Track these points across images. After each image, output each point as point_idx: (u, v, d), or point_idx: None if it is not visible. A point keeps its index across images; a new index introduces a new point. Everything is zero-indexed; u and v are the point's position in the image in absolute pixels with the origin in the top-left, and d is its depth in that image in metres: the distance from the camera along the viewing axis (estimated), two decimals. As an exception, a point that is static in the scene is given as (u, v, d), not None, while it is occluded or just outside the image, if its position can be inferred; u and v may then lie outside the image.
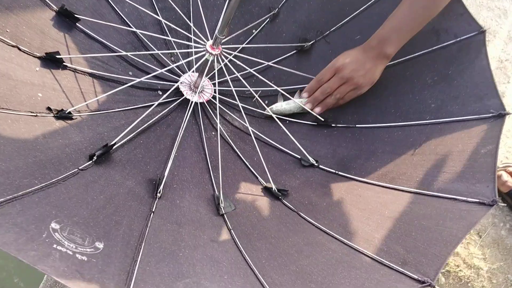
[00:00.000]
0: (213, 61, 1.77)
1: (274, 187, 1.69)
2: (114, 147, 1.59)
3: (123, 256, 1.20)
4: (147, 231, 1.35)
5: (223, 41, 1.70)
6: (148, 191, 1.55)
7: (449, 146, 1.65)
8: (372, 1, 2.07)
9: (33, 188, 1.22)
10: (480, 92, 1.71)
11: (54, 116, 1.54)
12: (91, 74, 1.77)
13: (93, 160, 1.50)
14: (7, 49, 1.54)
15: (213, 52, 1.70)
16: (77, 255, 1.08)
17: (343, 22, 2.11)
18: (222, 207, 1.58)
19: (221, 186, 1.66)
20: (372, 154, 1.80)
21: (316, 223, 1.56)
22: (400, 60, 1.94)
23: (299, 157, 1.86)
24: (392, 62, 1.94)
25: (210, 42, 1.70)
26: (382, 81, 1.95)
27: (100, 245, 1.18)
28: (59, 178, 1.34)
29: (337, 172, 1.78)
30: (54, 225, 1.13)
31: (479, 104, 1.69)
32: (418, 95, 1.86)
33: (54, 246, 1.06)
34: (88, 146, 1.56)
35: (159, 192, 1.53)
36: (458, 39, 1.83)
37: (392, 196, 1.61)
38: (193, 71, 1.95)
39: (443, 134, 1.71)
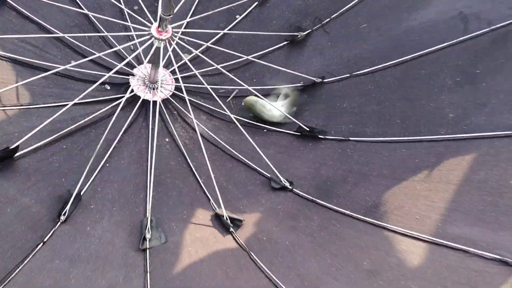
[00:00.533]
0: (165, 48, 1.40)
1: (225, 215, 1.30)
2: (20, 152, 1.26)
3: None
4: (18, 269, 1.00)
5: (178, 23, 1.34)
6: (50, 211, 1.20)
7: (466, 173, 1.21)
8: (384, -19, 1.64)
9: None
10: (517, 99, 1.25)
11: None
12: (15, 61, 1.45)
13: (-18, 168, 1.17)
14: None
15: (159, 37, 1.34)
16: None
17: (347, 7, 1.69)
18: (147, 240, 1.20)
19: (154, 211, 1.28)
20: (364, 177, 1.37)
21: (268, 271, 1.15)
22: (414, 55, 1.50)
23: (269, 176, 1.45)
24: (403, 58, 1.51)
25: (156, 24, 1.33)
26: (387, 80, 1.52)
27: None
28: None
29: (314, 199, 1.36)
30: None
31: (514, 116, 1.23)
32: (434, 102, 1.42)
33: None
34: (-16, 149, 1.23)
35: (64, 214, 1.18)
36: (493, 27, 1.38)
37: (378, 238, 1.18)
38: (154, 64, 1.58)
39: (461, 155, 1.27)
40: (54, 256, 1.09)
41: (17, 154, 1.26)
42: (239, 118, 1.57)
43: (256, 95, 1.56)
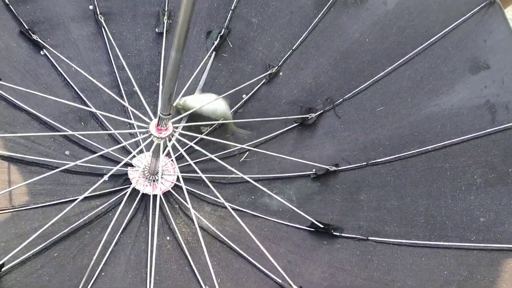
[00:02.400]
0: (165, 144, 1.32)
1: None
2: (4, 268, 1.17)
3: None
4: None
5: (176, 118, 1.26)
6: None
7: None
8: (401, 61, 1.56)
9: None
10: None
11: None
12: (5, 157, 1.37)
13: (-38, 292, 1.07)
14: None
15: (159, 135, 1.26)
16: None
17: (361, 87, 1.61)
18: None
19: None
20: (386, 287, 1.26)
21: None
22: (437, 145, 1.41)
23: (281, 282, 1.34)
24: (424, 148, 1.42)
25: (155, 121, 1.25)
26: (409, 172, 1.43)
27: None
28: None
29: (331, 314, 1.24)
30: None
31: None
32: (461, 201, 1.33)
33: None
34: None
35: None
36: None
37: None
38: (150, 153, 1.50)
39: (496, 270, 1.14)
40: None
41: (3, 269, 1.17)
42: (247, 211, 1.48)
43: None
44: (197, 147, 1.39)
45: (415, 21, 1.59)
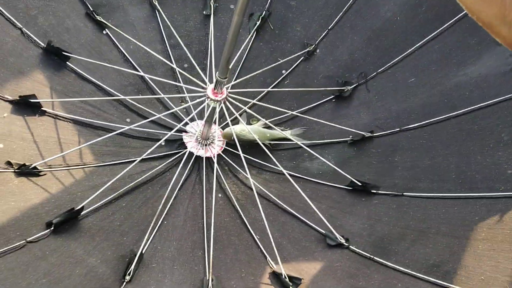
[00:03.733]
0: (221, 108, 1.48)
1: (284, 273, 1.33)
2: (83, 212, 1.33)
3: None
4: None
5: (232, 83, 1.42)
6: (115, 271, 1.26)
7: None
8: (431, 36, 1.70)
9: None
10: None
11: (14, 172, 1.32)
12: (76, 121, 1.56)
13: (51, 228, 1.24)
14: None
15: (215, 98, 1.42)
16: None
17: (393, 61, 1.75)
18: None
19: (211, 267, 1.32)
20: (422, 234, 1.40)
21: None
22: (466, 109, 1.54)
23: (324, 232, 1.48)
24: (454, 113, 1.56)
25: (212, 86, 1.41)
26: (440, 135, 1.56)
27: None
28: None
29: (372, 257, 1.38)
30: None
31: None
32: (490, 157, 1.45)
33: None
34: (51, 210, 1.31)
35: (129, 274, 1.24)
36: (547, 82, 1.42)
37: (444, 299, 1.19)
38: (202, 121, 1.66)
39: (524, 214, 1.27)
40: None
41: (82, 213, 1.34)
42: (290, 173, 1.63)
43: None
44: (250, 111, 1.55)
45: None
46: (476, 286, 1.19)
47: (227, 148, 1.69)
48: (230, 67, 1.33)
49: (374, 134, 1.70)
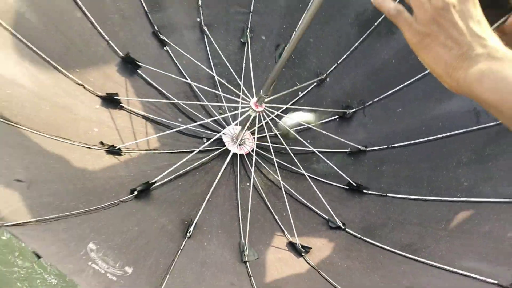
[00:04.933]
0: (255, 117, 1.97)
1: (298, 243, 1.82)
2: (154, 185, 1.80)
3: (148, 283, 1.36)
4: (173, 266, 1.51)
5: (266, 100, 1.92)
6: (179, 229, 1.72)
7: (476, 226, 1.73)
8: (417, 77, 2.23)
9: (77, 211, 1.42)
10: (514, 177, 1.79)
11: (105, 151, 1.78)
12: (144, 117, 2.02)
13: (134, 194, 1.70)
14: (74, 86, 1.81)
15: (257, 110, 1.90)
16: (108, 275, 1.25)
17: (386, 93, 2.27)
18: (246, 255, 1.72)
19: (247, 235, 1.80)
20: (399, 224, 1.90)
21: (334, 283, 1.66)
22: (438, 136, 2.06)
23: (327, 218, 1.99)
24: (430, 138, 2.07)
25: (255, 100, 1.90)
26: (417, 153, 2.08)
27: (129, 270, 1.35)
28: (101, 206, 1.54)
29: (362, 237, 1.89)
30: (91, 245, 1.32)
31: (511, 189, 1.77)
32: (452, 172, 1.96)
33: (89, 263, 1.24)
34: (131, 181, 1.77)
35: (189, 232, 1.70)
36: (498, 122, 1.94)
37: (412, 266, 1.70)
38: (236, 124, 2.16)
39: (472, 214, 1.79)
40: (190, 260, 1.60)
41: (153, 186, 1.81)
42: (304, 172, 2.13)
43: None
44: (278, 120, 2.05)
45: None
46: (435, 260, 1.69)
47: (256, 149, 2.18)
48: (271, 88, 1.83)
49: (368, 149, 2.21)
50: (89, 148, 1.72)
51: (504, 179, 1.81)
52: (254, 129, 2.12)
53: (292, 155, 2.07)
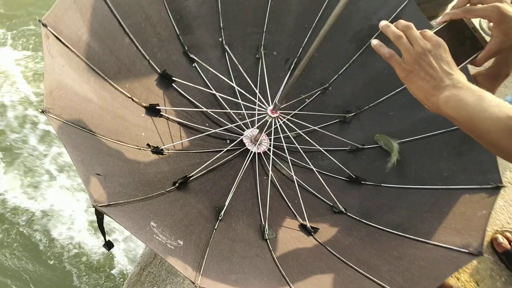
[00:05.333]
0: (271, 122, 2.38)
1: (308, 224, 2.24)
2: (191, 179, 2.21)
3: (195, 253, 1.77)
4: (211, 241, 1.92)
5: (281, 107, 2.32)
6: (213, 213, 2.13)
7: (453, 208, 2.13)
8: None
9: (138, 198, 1.83)
10: (484, 168, 2.19)
11: (151, 151, 2.19)
12: (179, 123, 2.43)
13: (176, 186, 2.11)
14: (125, 99, 2.23)
15: (273, 116, 2.32)
16: (167, 244, 1.66)
17: (380, 100, 2.68)
18: (266, 234, 2.13)
19: (267, 219, 2.21)
20: (391, 208, 2.31)
21: (338, 255, 2.07)
22: (423, 135, 2.47)
23: (331, 204, 2.40)
24: (416, 137, 2.48)
25: (271, 107, 2.32)
26: (407, 149, 2.49)
27: (181, 242, 1.76)
28: (153, 194, 1.95)
29: (361, 219, 2.30)
30: (153, 223, 1.73)
31: (482, 177, 2.16)
32: (435, 165, 2.36)
33: (154, 236, 1.65)
34: (173, 175, 2.18)
35: (221, 216, 2.11)
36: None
37: (401, 241, 2.11)
38: (255, 128, 2.57)
39: (451, 198, 2.19)
40: (223, 237, 2.00)
41: (190, 179, 2.22)
42: (312, 167, 2.54)
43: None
44: (290, 124, 2.46)
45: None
46: (420, 236, 2.09)
47: (271, 148, 2.59)
48: (284, 96, 2.25)
49: (365, 147, 2.62)
50: (140, 149, 2.13)
51: (476, 170, 2.21)
52: (270, 131, 2.53)
53: (302, 153, 2.48)
